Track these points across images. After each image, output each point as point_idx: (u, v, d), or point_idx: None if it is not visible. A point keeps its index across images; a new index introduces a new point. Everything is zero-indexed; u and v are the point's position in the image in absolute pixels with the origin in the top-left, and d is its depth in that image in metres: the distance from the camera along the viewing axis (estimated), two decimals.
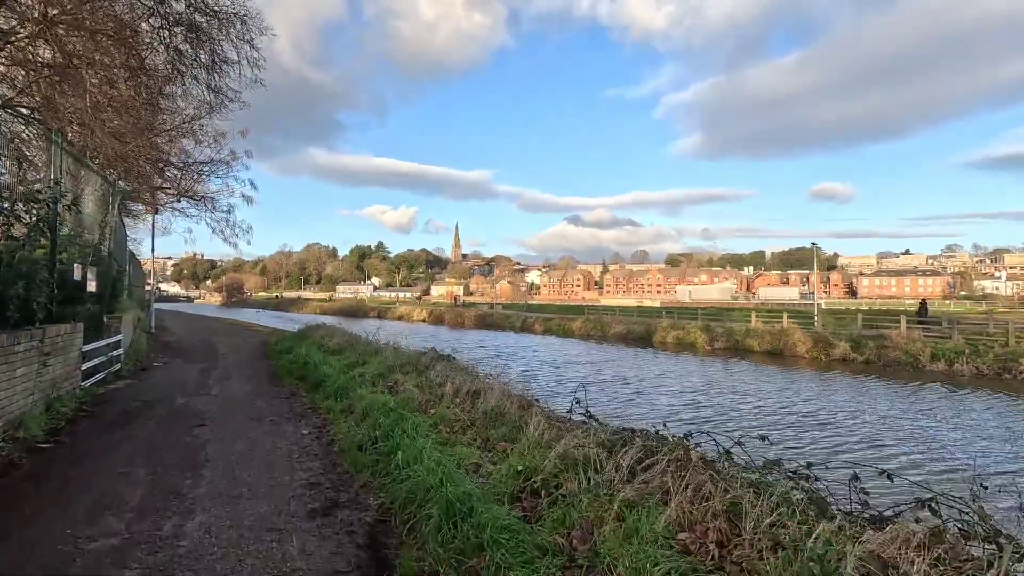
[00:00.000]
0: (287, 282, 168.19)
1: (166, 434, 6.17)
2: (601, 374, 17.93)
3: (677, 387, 15.81)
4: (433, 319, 59.46)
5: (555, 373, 17.56)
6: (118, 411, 7.21)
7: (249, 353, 15.41)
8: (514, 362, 20.14)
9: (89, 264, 9.74)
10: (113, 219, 11.66)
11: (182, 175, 25.28)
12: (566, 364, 20.56)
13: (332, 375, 9.52)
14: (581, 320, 43.59)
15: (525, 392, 7.08)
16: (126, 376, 10.10)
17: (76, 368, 7.86)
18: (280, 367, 11.97)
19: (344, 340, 14.66)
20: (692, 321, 38.21)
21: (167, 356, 13.95)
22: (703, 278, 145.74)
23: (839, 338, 27.96)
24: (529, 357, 23.09)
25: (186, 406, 7.72)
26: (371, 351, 11.71)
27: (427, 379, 8.01)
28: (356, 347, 13.28)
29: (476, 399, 7.03)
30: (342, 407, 7.59)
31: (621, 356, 25.81)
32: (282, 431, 6.55)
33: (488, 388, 7.24)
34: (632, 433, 4.74)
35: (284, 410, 7.73)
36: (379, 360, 10.35)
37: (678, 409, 12.60)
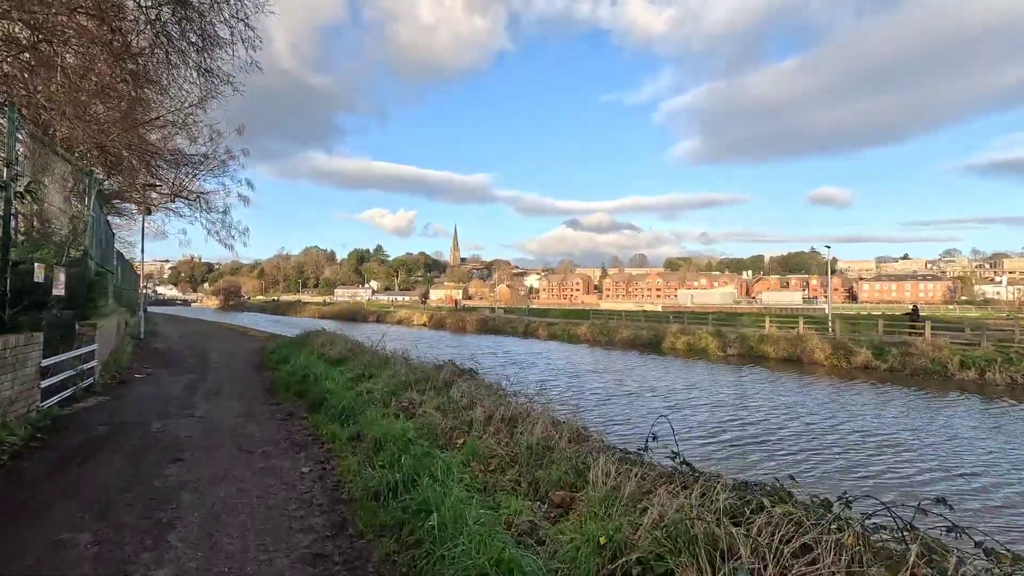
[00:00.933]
0: (285, 285, 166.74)
1: (131, 475, 4.91)
2: (623, 384, 16.69)
3: (710, 399, 14.59)
4: (434, 323, 58.21)
5: (576, 384, 16.32)
6: (79, 440, 5.95)
7: (243, 362, 14.14)
8: (527, 370, 18.90)
9: (58, 264, 8.50)
10: (91, 215, 10.42)
11: (176, 174, 24.18)
12: (584, 373, 19.32)
13: (336, 391, 8.28)
14: (587, 325, 42.42)
15: (574, 419, 5.82)
16: (100, 392, 8.83)
17: (33, 386, 6.61)
18: (277, 380, 10.71)
19: (346, 348, 13.42)
20: (702, 326, 37.13)
21: (153, 366, 12.68)
22: (703, 282, 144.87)
23: (860, 344, 26.87)
24: (542, 365, 21.84)
25: (163, 432, 6.46)
26: (378, 362, 10.47)
27: (449, 399, 6.78)
28: (360, 357, 12.04)
29: (514, 427, 5.80)
30: (349, 434, 6.34)
31: (636, 363, 24.60)
32: (277, 469, 5.30)
33: (526, 413, 6.02)
34: (748, 488, 3.53)
35: (280, 438, 6.48)
36: (388, 374, 9.11)
37: (722, 427, 11.36)
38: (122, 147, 13.45)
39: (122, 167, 15.17)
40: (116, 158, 14.35)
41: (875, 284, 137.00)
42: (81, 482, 4.66)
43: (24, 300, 6.70)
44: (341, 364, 11.79)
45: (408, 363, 10.01)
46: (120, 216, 27.73)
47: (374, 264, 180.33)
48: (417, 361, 10.41)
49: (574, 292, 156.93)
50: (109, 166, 15.69)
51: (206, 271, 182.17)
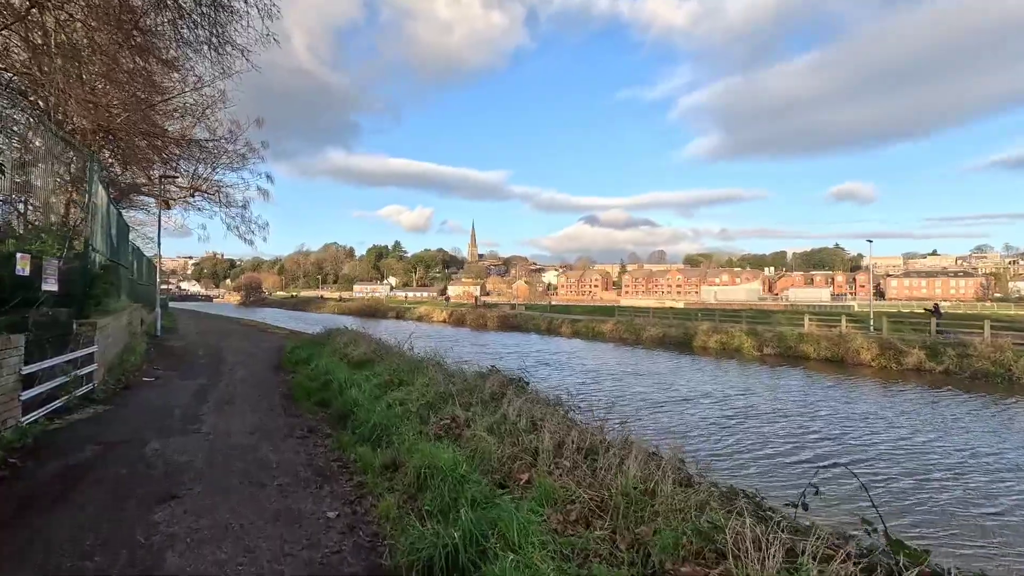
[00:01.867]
0: (305, 281, 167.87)
1: (108, 524, 3.78)
2: (672, 389, 15.29)
3: (772, 407, 13.12)
4: (454, 320, 57.25)
5: (620, 388, 14.97)
6: (55, 468, 4.86)
7: (261, 363, 13.13)
8: (561, 372, 17.63)
9: (50, 255, 7.48)
10: (95, 203, 9.43)
11: (194, 168, 23.45)
12: (624, 375, 17.94)
13: (363, 403, 7.11)
14: (612, 323, 41.00)
15: (676, 454, 4.51)
16: (99, 399, 7.81)
17: (11, 399, 5.56)
18: (296, 385, 9.61)
19: (371, 349, 12.29)
20: (734, 325, 35.52)
21: (164, 367, 11.72)
22: (724, 279, 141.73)
23: (910, 344, 25.07)
24: (576, 366, 20.52)
25: (159, 456, 5.35)
26: (408, 367, 9.29)
27: (504, 419, 5.55)
28: (387, 359, 10.89)
29: (593, 459, 4.55)
30: (383, 461, 5.15)
31: (673, 364, 23.15)
32: (295, 513, 4.13)
33: (602, 439, 4.76)
34: None
35: (299, 464, 5.32)
36: (423, 382, 7.92)
37: (800, 442, 9.90)
38: (133, 133, 12.50)
39: (135, 156, 14.26)
40: (127, 146, 13.43)
41: (904, 280, 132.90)
42: (39, 537, 3.53)
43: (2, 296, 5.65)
44: (366, 367, 10.66)
45: (443, 369, 8.81)
46: (140, 210, 27.20)
47: (392, 260, 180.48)
48: (454, 366, 9.19)
49: (592, 288, 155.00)
50: (121, 154, 14.81)
51: (228, 267, 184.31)
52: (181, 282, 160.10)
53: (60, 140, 7.86)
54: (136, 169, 17.57)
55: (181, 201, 24.42)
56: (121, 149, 13.66)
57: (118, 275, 11.75)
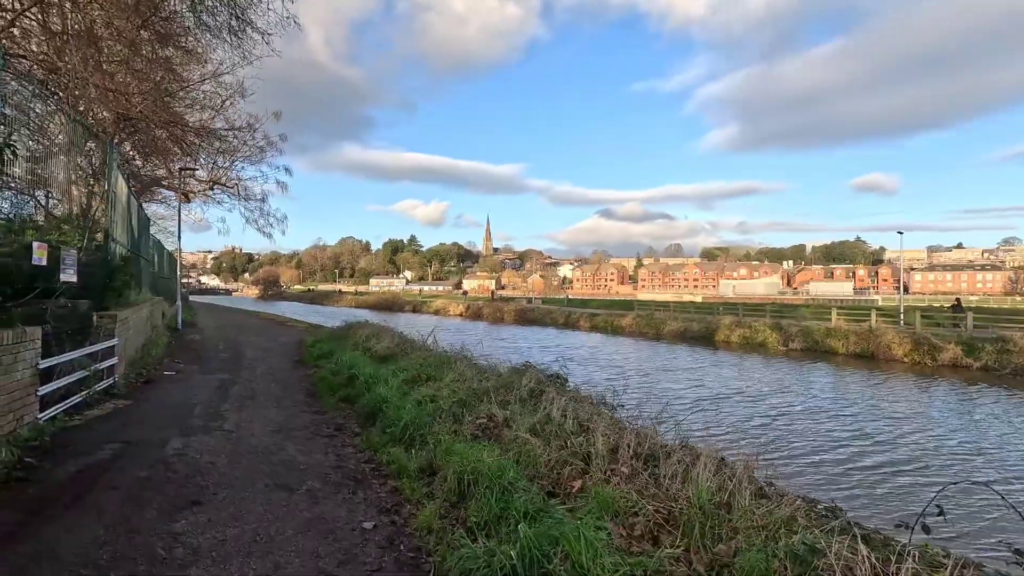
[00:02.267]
0: (322, 275, 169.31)
1: (126, 534, 3.44)
2: (704, 385, 14.73)
3: (809, 405, 12.51)
4: (471, 314, 57.01)
5: (650, 384, 14.46)
6: (72, 470, 4.56)
7: (282, 357, 12.89)
8: (587, 368, 17.14)
9: (71, 245, 7.23)
10: (114, 192, 9.19)
11: (214, 161, 23.40)
12: (652, 371, 17.41)
13: (391, 399, 6.74)
14: (631, 317, 40.38)
15: (750, 462, 4.03)
16: (119, 394, 7.56)
17: (28, 394, 5.28)
18: (319, 380, 9.30)
19: (394, 343, 11.95)
20: (757, 319, 34.73)
21: (185, 361, 11.52)
22: (742, 272, 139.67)
23: (945, 340, 24.16)
24: (601, 361, 20.02)
25: (182, 456, 5.03)
26: (435, 362, 8.91)
27: (548, 419, 5.12)
28: (411, 354, 10.54)
29: (654, 466, 4.10)
30: (419, 464, 4.77)
31: (700, 359, 22.52)
32: (328, 522, 3.76)
33: (667, 447, 4.31)
34: None
35: (328, 466, 4.96)
36: (452, 377, 7.53)
37: (849, 446, 9.32)
38: (153, 122, 12.26)
39: (156, 147, 14.06)
40: (147, 137, 13.22)
41: (928, 274, 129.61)
42: (47, 550, 3.19)
43: (13, 287, 5.37)
44: (390, 362, 10.32)
45: (472, 363, 8.41)
46: (161, 204, 27.30)
47: (408, 254, 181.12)
48: (484, 361, 8.78)
49: (608, 282, 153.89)
50: (142, 146, 14.65)
51: (246, 261, 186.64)
52: (201, 276, 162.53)
53: (78, 125, 7.58)
54: (157, 161, 17.45)
55: (201, 194, 24.42)
56: (141, 140, 13.48)
57: (139, 267, 11.57)
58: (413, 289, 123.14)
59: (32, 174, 7.29)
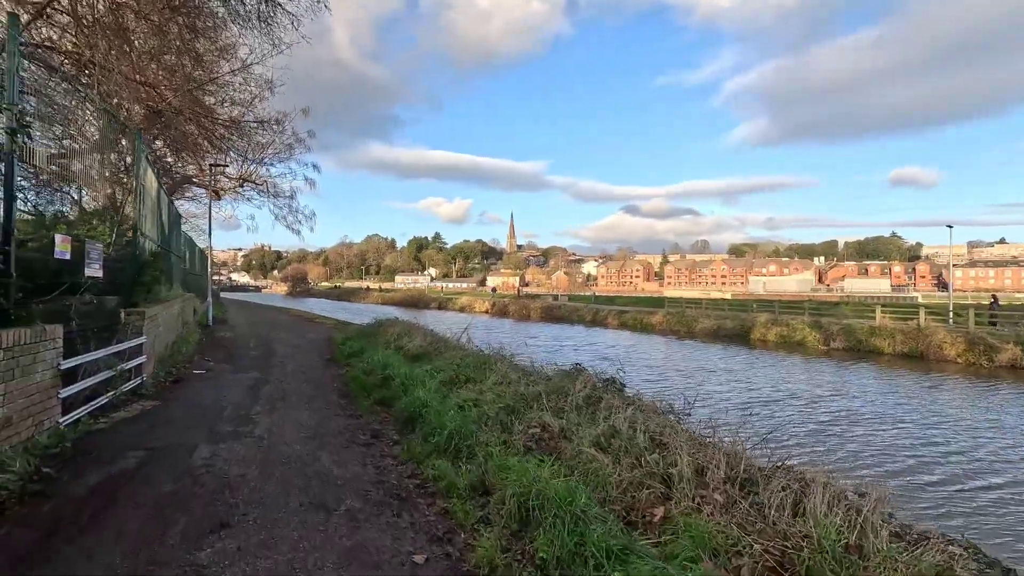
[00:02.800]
0: (348, 272, 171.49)
1: (146, 566, 2.98)
2: (752, 387, 13.87)
3: (872, 411, 11.57)
4: (496, 311, 56.61)
5: (692, 385, 13.65)
6: (93, 482, 4.15)
7: (312, 355, 12.56)
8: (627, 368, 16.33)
9: (99, 239, 6.92)
10: (143, 185, 8.92)
11: (243, 160, 23.46)
12: (693, 371, 16.57)
13: (431, 403, 6.22)
14: (661, 314, 39.38)
15: (881, 493, 3.36)
16: (147, 394, 7.24)
17: (48, 397, 4.93)
18: (351, 380, 8.87)
19: (427, 342, 11.49)
20: (795, 316, 33.43)
21: (215, 358, 11.27)
22: (772, 269, 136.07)
23: (1003, 339, 22.76)
24: (637, 360, 19.23)
25: (210, 466, 4.60)
26: (474, 362, 8.39)
27: (614, 431, 4.52)
28: (445, 353, 10.05)
29: (752, 492, 3.47)
30: (469, 481, 4.22)
31: (740, 358, 21.57)
32: (372, 553, 3.24)
33: (763, 469, 3.67)
34: None
35: (368, 480, 4.46)
36: (494, 379, 6.99)
37: (944, 461, 8.38)
38: (183, 116, 12.04)
39: (186, 142, 13.89)
40: (178, 132, 13.03)
41: (969, 271, 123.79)
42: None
43: (34, 280, 5.02)
44: (424, 361, 9.85)
45: (513, 365, 7.86)
46: (192, 201, 27.57)
47: (432, 251, 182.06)
48: (525, 362, 8.21)
49: (634, 279, 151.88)
50: (173, 141, 14.51)
51: (275, 259, 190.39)
52: (232, 273, 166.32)
53: (107, 114, 7.27)
54: (188, 157, 17.39)
55: (231, 192, 24.53)
56: (172, 135, 13.30)
57: (169, 263, 11.37)
58: (438, 286, 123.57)
59: (64, 169, 7.03)
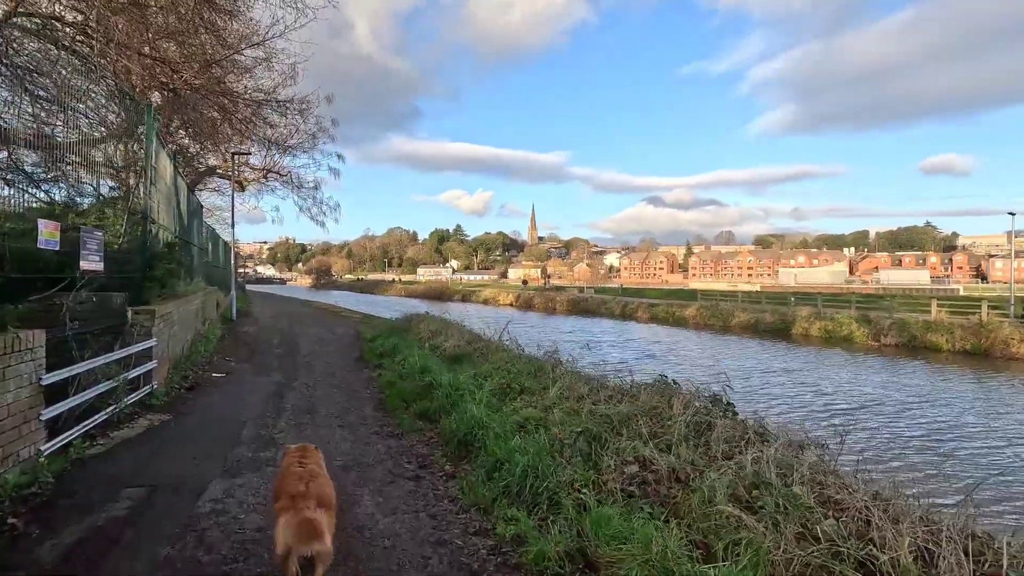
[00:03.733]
0: (371, 265, 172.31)
1: None
2: (821, 390, 12.46)
3: (982, 424, 10.11)
4: (522, 303, 55.52)
5: (754, 387, 12.35)
6: (66, 545, 3.12)
7: (340, 354, 11.60)
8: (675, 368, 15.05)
9: (97, 227, 5.96)
10: (155, 167, 7.97)
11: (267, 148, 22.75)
12: (749, 371, 15.17)
13: (487, 422, 5.09)
14: (695, 307, 37.81)
15: None
16: (157, 406, 6.29)
17: (24, 421, 3.94)
18: (387, 385, 7.82)
19: (465, 341, 10.40)
20: (840, 310, 31.63)
21: (237, 358, 10.38)
22: (800, 260, 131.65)
23: None
24: (684, 358, 17.88)
25: (219, 516, 3.54)
26: (527, 368, 7.25)
27: (755, 476, 3.32)
28: (489, 355, 8.93)
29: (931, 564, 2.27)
30: (565, 548, 3.09)
31: (793, 357, 20.05)
32: None
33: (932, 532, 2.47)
34: None
35: (425, 539, 3.35)
36: (558, 391, 5.84)
37: None
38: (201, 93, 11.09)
39: (206, 127, 12.98)
40: (197, 115, 12.11)
41: (1010, 262, 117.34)
42: None
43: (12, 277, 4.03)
44: (464, 363, 8.76)
45: (576, 372, 6.69)
46: (215, 192, 27.01)
47: (454, 244, 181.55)
48: (592, 369, 7.04)
49: (657, 270, 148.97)
50: (192, 126, 13.63)
51: (299, 252, 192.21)
52: (257, 266, 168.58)
53: (115, 87, 6.30)
54: (209, 145, 16.57)
55: (255, 182, 23.87)
56: (191, 118, 12.35)
57: (189, 254, 10.51)
58: (459, 278, 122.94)
59: (77, 154, 6.12)
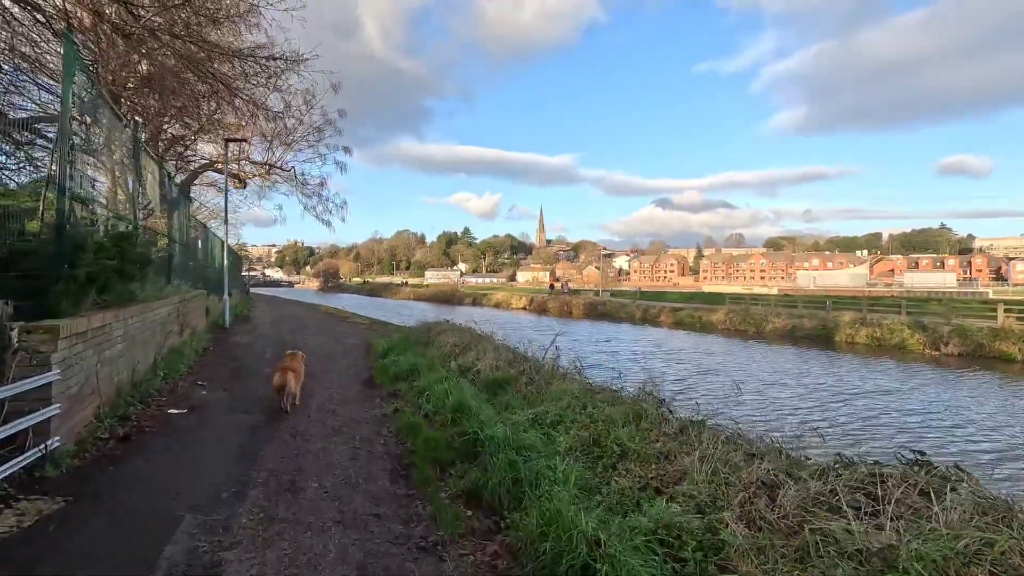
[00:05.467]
0: (379, 267, 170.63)
1: None
2: (933, 415, 10.01)
3: None
4: (535, 307, 53.14)
5: (855, 412, 9.92)
6: None
7: (345, 373, 9.29)
8: (772, 396, 12.36)
9: None
10: (77, 116, 5.72)
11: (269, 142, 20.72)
12: (827, 393, 12.64)
13: (598, 535, 2.76)
14: (723, 311, 35.39)
15: None
16: (53, 479, 3.97)
17: None
18: (407, 429, 5.48)
19: (504, 360, 8.03)
20: (887, 315, 29.13)
21: (212, 382, 8.08)
22: (815, 263, 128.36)
23: None
24: (757, 378, 15.26)
25: None
26: (616, 412, 4.89)
27: None
28: (545, 383, 6.56)
29: None
30: None
31: (858, 369, 17.62)
32: None
33: None
34: None
35: None
36: (701, 456, 3.49)
37: None
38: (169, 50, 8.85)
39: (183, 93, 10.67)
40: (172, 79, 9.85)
41: None
42: None
43: None
44: (510, 392, 6.40)
45: (713, 431, 4.32)
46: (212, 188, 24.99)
47: (462, 246, 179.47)
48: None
49: (668, 273, 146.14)
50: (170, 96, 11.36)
51: (307, 255, 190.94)
52: (266, 269, 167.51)
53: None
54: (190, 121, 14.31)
55: (257, 178, 21.82)
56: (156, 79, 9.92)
57: (147, 248, 8.21)
58: (469, 281, 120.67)
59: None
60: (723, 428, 4.53)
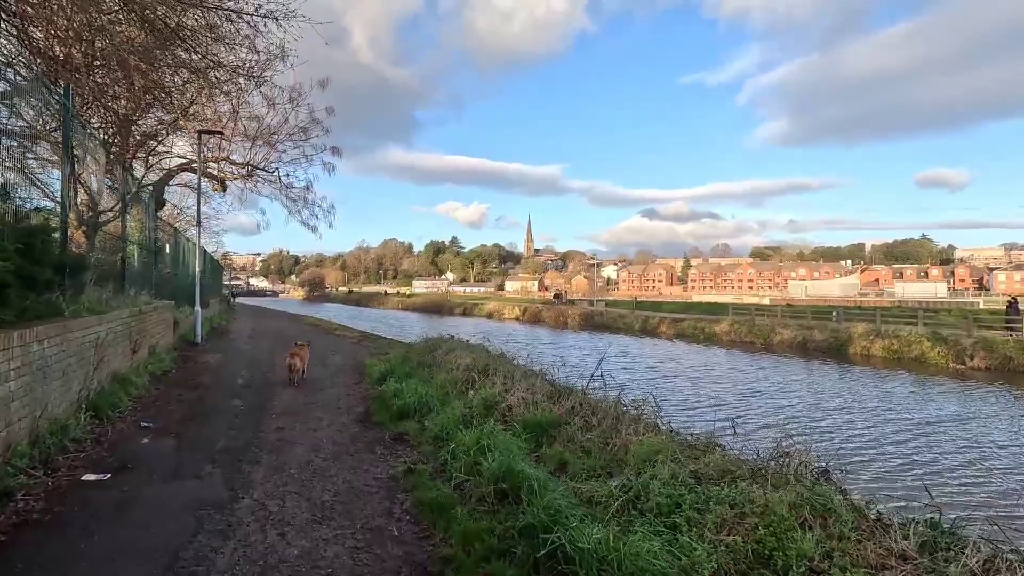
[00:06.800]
0: (365, 277, 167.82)
1: None
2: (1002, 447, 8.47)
3: None
4: (529, 317, 51.46)
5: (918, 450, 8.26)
6: None
7: (336, 406, 7.41)
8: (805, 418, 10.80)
9: None
10: None
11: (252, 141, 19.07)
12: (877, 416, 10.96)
13: None
14: (727, 322, 34.06)
15: None
16: None
17: None
18: (430, 509, 3.70)
19: (543, 394, 6.26)
20: (903, 326, 28.02)
21: (159, 425, 6.17)
22: (802, 272, 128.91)
23: None
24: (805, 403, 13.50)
25: None
26: (776, 512, 3.19)
27: None
28: (612, 430, 4.80)
29: None
30: None
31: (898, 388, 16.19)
32: None
33: None
34: None
35: None
36: None
37: None
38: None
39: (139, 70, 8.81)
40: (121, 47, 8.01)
41: (1014, 274, 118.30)
42: None
43: None
44: (563, 441, 4.64)
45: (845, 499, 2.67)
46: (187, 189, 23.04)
47: (450, 256, 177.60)
48: None
49: (656, 283, 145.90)
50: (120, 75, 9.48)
51: (293, 263, 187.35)
52: (250, 278, 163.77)
53: None
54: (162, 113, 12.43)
55: (239, 180, 20.04)
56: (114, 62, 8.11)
57: (85, 250, 6.32)
58: (457, 291, 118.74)
59: None
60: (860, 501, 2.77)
